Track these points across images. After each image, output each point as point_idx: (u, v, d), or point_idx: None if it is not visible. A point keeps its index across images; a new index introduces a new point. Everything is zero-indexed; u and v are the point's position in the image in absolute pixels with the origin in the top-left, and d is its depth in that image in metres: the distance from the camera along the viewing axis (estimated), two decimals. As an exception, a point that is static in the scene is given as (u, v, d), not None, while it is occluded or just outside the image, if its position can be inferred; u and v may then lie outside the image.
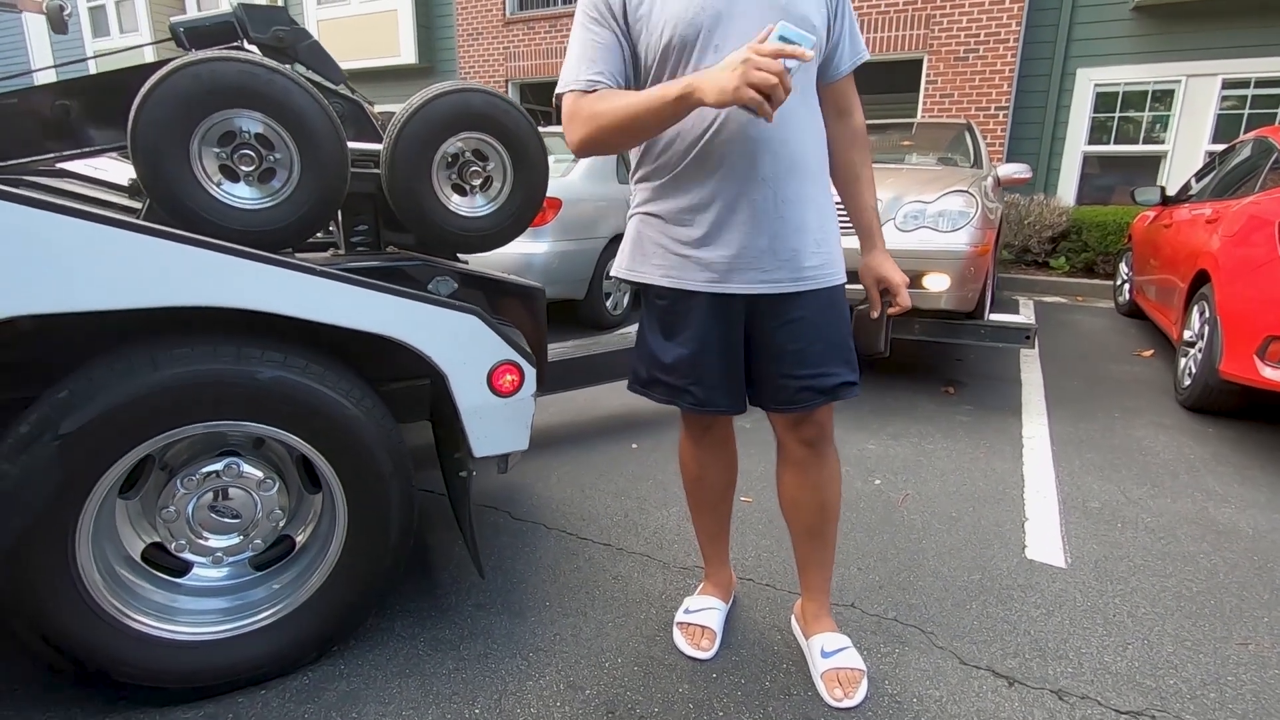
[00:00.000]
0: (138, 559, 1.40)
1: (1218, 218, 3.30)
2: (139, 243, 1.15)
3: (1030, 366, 3.98)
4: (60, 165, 2.20)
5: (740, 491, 2.20)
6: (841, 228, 1.38)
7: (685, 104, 1.08)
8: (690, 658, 1.54)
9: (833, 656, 1.46)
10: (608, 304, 4.91)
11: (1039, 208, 7.02)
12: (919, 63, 7.89)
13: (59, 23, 2.22)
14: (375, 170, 1.90)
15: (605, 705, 1.40)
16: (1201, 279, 3.27)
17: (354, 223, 2.00)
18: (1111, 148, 7.52)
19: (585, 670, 1.49)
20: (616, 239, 4.87)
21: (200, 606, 1.40)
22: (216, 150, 1.51)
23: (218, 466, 1.39)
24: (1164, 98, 7.25)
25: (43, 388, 1.21)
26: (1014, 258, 7.12)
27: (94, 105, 2.15)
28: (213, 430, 1.30)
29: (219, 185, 1.53)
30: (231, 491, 1.41)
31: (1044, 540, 2.06)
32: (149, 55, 10.51)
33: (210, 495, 1.39)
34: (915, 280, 3.10)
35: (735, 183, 1.21)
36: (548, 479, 2.45)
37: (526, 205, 1.94)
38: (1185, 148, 7.12)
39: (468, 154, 1.85)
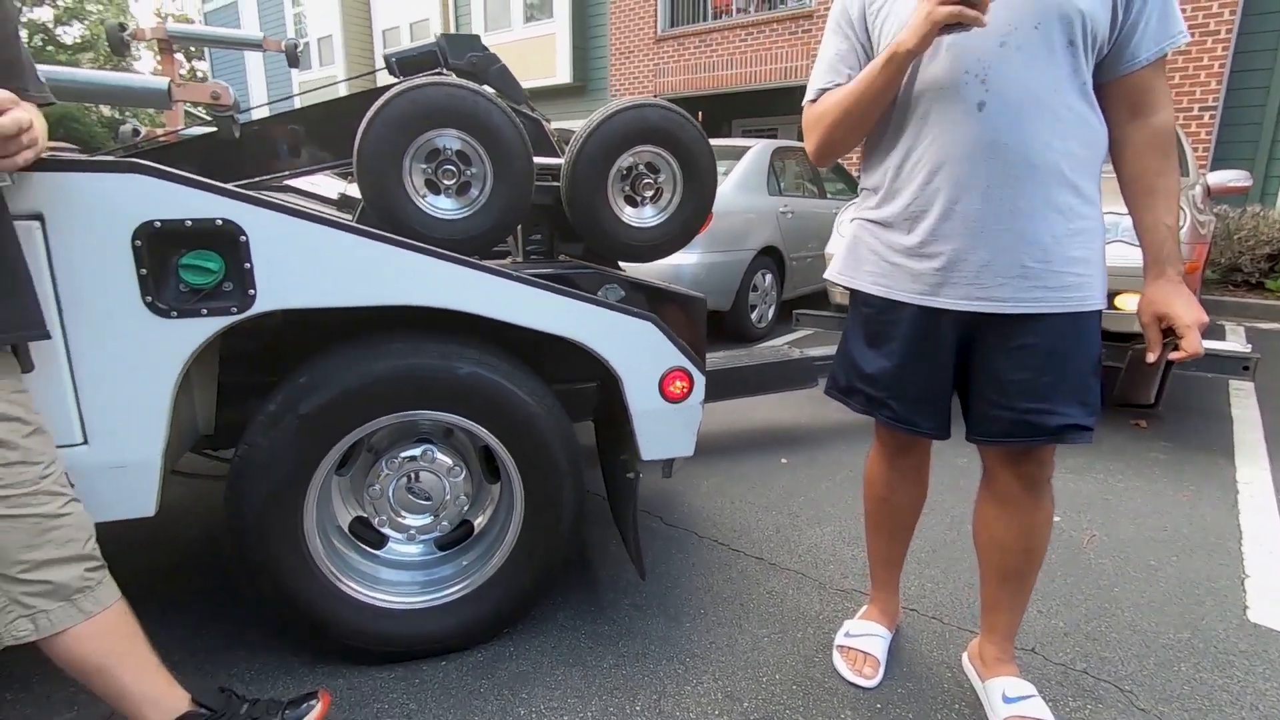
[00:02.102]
0: (346, 530, 1.57)
1: None
2: (375, 249, 1.30)
3: (1243, 402, 3.46)
4: (286, 181, 2.53)
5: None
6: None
7: (893, 64, 1.10)
8: (851, 683, 1.48)
9: (1016, 704, 1.35)
10: (753, 316, 4.87)
11: (1255, 220, 6.11)
12: (1105, 61, 7.16)
13: (293, 58, 2.56)
14: (554, 183, 2.01)
15: (764, 721, 1.38)
16: None
17: (531, 233, 2.13)
18: (1353, 150, 6.40)
19: (743, 682, 1.48)
20: (764, 251, 4.84)
21: (397, 578, 1.55)
22: (423, 166, 1.67)
23: (415, 452, 1.53)
24: None
25: (280, 374, 1.39)
26: (1220, 278, 6.24)
27: (315, 130, 2.45)
28: (414, 418, 1.44)
29: (424, 197, 1.69)
30: (424, 475, 1.55)
31: (1273, 602, 1.78)
32: (343, 87, 11.87)
33: (407, 478, 1.54)
34: (1108, 300, 2.80)
35: (952, 189, 1.14)
36: (698, 488, 2.46)
37: (694, 216, 1.98)
38: None
39: (640, 167, 1.91)
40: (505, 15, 12.26)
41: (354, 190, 2.75)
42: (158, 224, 1.16)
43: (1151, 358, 1.17)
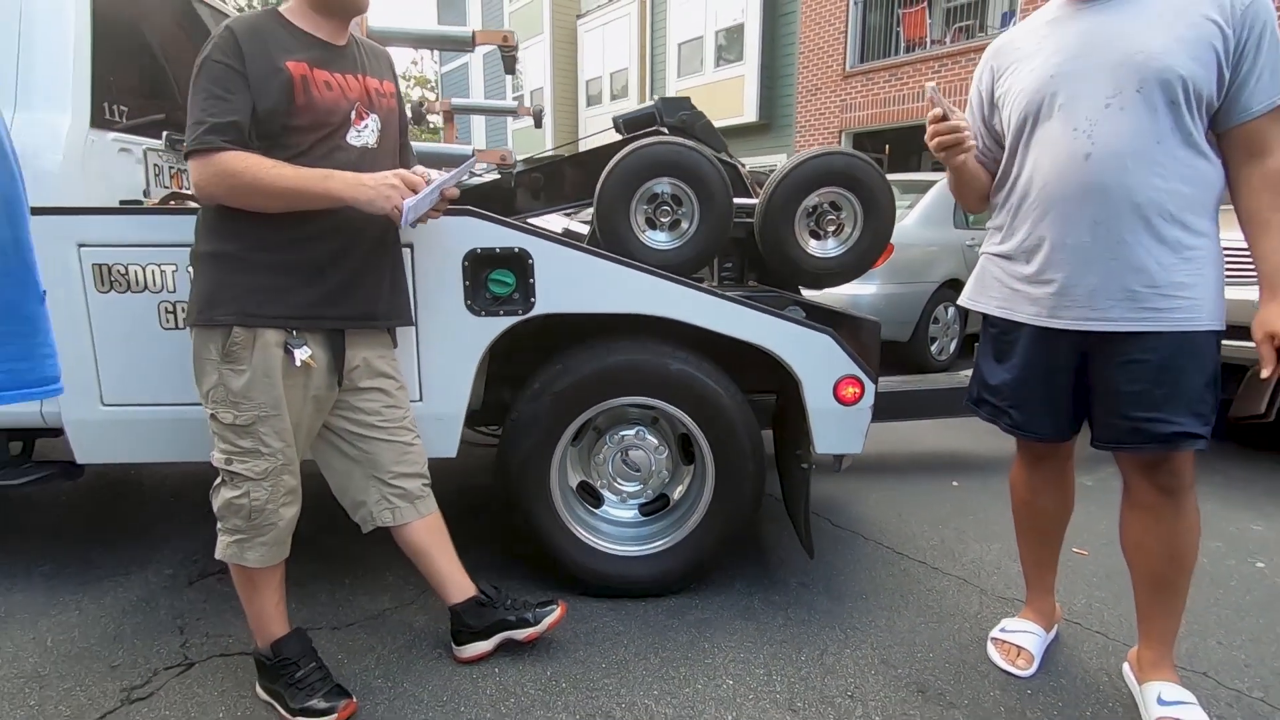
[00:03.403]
0: (574, 489, 2.00)
1: None
2: (621, 271, 1.73)
3: None
4: (527, 219, 3.13)
5: (1074, 542, 2.14)
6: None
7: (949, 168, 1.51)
8: (1004, 671, 1.62)
9: (1172, 706, 1.42)
10: (932, 349, 4.85)
11: None
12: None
13: (538, 120, 3.18)
14: (747, 220, 2.36)
15: (915, 685, 1.57)
16: None
17: (725, 262, 2.49)
18: None
19: (898, 653, 1.68)
20: (947, 284, 4.82)
21: (611, 531, 1.95)
22: (645, 207, 2.09)
23: (630, 432, 1.94)
24: None
25: (537, 364, 1.86)
26: None
27: (549, 180, 3.02)
28: (633, 403, 1.84)
29: (643, 232, 2.12)
30: (634, 453, 1.95)
31: None
32: (548, 137, 13.29)
33: (623, 451, 1.94)
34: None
35: (1063, 225, 1.33)
36: (867, 499, 2.65)
37: (871, 248, 2.22)
38: None
39: (825, 205, 2.20)
40: (697, 60, 13.06)
41: (574, 226, 3.30)
42: (479, 250, 1.67)
43: (1266, 373, 1.24)
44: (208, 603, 1.91)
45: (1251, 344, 1.28)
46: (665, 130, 2.73)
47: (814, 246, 2.23)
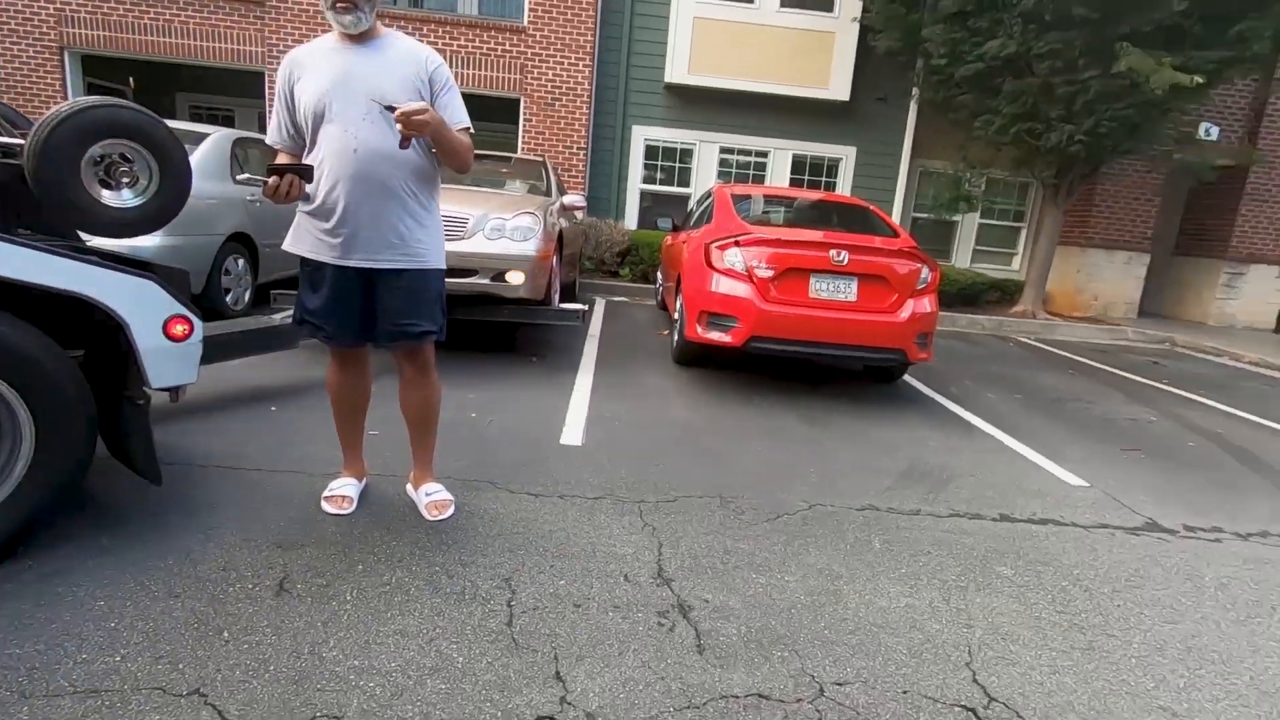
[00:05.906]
0: None
1: (687, 240, 5.18)
2: None
3: (592, 344, 5.49)
4: None
5: (372, 427, 2.96)
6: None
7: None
8: (334, 514, 2.28)
9: (432, 495, 2.38)
10: (228, 298, 5.02)
11: (609, 229, 9.06)
12: (519, 102, 9.37)
13: None
14: (13, 162, 2.17)
15: (276, 545, 2.07)
16: (679, 280, 5.10)
17: (-18, 206, 2.21)
18: (658, 187, 10.08)
19: (256, 529, 2.13)
20: (234, 237, 5.03)
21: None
22: None
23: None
24: (687, 154, 10.02)
25: None
26: (594, 267, 9.04)
27: None
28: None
29: None
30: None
31: (571, 433, 3.31)
32: None
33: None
34: (499, 276, 4.22)
35: (345, 197, 1.99)
36: (195, 439, 2.85)
37: (173, 199, 2.42)
38: (702, 191, 9.94)
39: (115, 156, 2.26)
40: None
41: None
42: None
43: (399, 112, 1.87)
44: None
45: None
46: None
47: (108, 197, 2.28)
